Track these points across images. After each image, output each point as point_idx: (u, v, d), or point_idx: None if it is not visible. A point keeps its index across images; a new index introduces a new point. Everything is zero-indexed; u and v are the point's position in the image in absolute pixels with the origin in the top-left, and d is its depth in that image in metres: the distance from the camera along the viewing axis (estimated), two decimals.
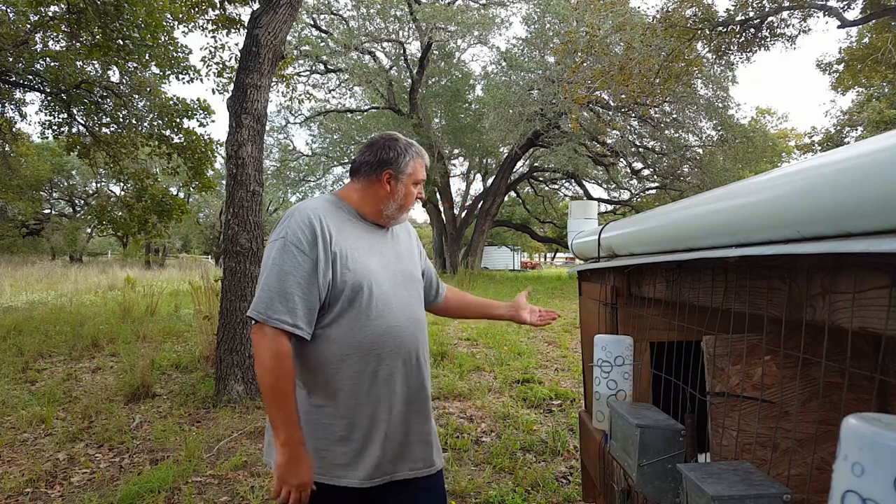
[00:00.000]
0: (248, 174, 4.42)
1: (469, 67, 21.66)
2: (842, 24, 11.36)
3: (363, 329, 1.35)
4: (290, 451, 1.26)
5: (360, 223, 1.46)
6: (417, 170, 1.49)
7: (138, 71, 9.52)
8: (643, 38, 11.77)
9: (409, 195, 1.48)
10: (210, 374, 4.78)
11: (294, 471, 1.27)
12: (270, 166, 21.51)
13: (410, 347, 1.42)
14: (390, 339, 1.38)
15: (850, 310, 0.70)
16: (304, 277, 1.29)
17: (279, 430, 1.27)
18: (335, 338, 1.34)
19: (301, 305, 1.29)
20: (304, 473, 1.28)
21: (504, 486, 2.85)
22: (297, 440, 1.28)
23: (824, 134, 22.25)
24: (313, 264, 1.30)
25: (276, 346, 1.26)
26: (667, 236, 1.14)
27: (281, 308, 1.27)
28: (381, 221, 1.49)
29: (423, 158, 1.53)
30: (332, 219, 1.38)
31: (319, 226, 1.33)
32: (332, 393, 1.34)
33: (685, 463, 1.01)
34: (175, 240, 38.91)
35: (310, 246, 1.31)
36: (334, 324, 1.34)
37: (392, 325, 1.39)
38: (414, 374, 1.43)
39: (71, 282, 14.31)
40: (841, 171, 0.61)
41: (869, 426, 0.46)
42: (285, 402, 1.27)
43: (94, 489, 2.82)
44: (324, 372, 1.34)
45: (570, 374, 5.30)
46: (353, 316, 1.34)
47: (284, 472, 1.27)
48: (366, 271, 1.37)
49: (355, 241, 1.40)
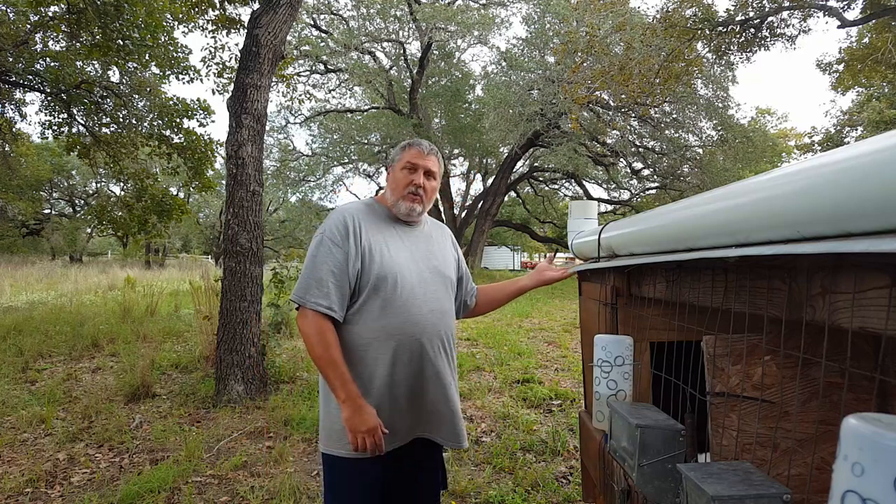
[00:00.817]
0: (248, 174, 4.42)
1: (469, 67, 21.66)
2: (842, 24, 11.36)
3: (385, 317, 1.50)
4: (352, 403, 1.43)
5: (393, 222, 1.63)
6: (405, 155, 1.62)
7: (138, 71, 9.51)
8: (643, 38, 11.77)
9: (398, 179, 1.61)
10: (210, 374, 4.78)
11: (361, 419, 1.43)
12: (270, 166, 21.49)
13: (434, 336, 1.56)
14: (411, 328, 1.51)
15: (850, 310, 0.70)
16: (338, 266, 1.48)
17: (338, 390, 1.44)
18: (361, 323, 1.50)
19: (334, 290, 1.47)
20: (370, 419, 1.44)
21: (504, 486, 2.85)
22: (356, 394, 1.44)
23: (824, 134, 22.25)
24: (345, 255, 1.49)
25: (315, 323, 1.45)
26: (667, 236, 1.14)
27: (317, 293, 1.46)
28: (402, 217, 1.62)
29: (415, 147, 1.63)
30: (366, 218, 1.57)
31: (352, 223, 1.52)
32: (359, 373, 1.49)
33: (685, 463, 1.01)
34: (175, 240, 38.90)
35: (342, 239, 1.50)
36: (361, 311, 1.50)
37: (414, 314, 1.52)
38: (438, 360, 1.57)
39: (71, 282, 14.30)
40: (841, 171, 0.61)
41: (869, 426, 0.46)
42: (336, 366, 1.44)
43: (94, 489, 2.82)
44: (353, 354, 1.50)
45: (570, 374, 5.29)
46: (378, 305, 1.50)
47: (354, 423, 1.43)
48: (393, 264, 1.53)
49: (387, 237, 1.58)
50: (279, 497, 2.71)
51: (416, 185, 1.60)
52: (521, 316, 9.35)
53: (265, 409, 4.07)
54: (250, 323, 4.36)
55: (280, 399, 4.27)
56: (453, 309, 1.70)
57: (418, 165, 1.61)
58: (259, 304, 4.49)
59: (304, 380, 4.93)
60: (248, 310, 4.36)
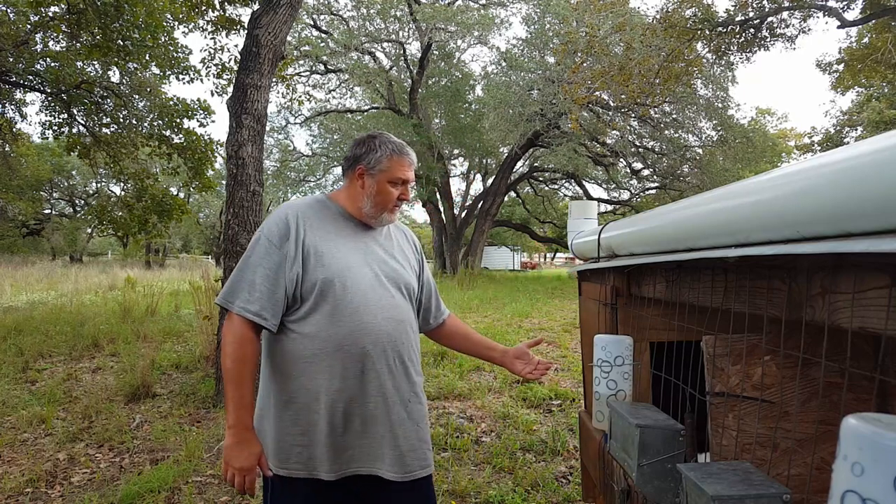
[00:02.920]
0: (249, 174, 4.42)
1: (469, 67, 21.66)
2: (842, 25, 11.36)
3: (335, 325, 1.34)
4: (236, 433, 1.29)
5: (347, 222, 1.47)
6: (393, 167, 1.44)
7: (138, 71, 9.51)
8: (643, 38, 11.77)
9: (382, 193, 1.44)
10: (210, 374, 4.78)
11: (237, 454, 1.29)
12: (271, 166, 21.50)
13: (388, 348, 1.38)
14: (363, 337, 1.35)
15: (850, 310, 0.70)
16: (272, 269, 1.33)
17: (230, 412, 1.30)
18: (307, 333, 1.35)
19: (266, 296, 1.32)
20: (247, 458, 1.30)
21: (504, 486, 2.85)
22: (245, 425, 1.30)
23: (824, 134, 22.26)
24: (282, 258, 1.34)
25: (238, 331, 1.31)
26: (667, 236, 1.14)
27: (247, 297, 1.31)
28: (365, 220, 1.47)
29: (402, 156, 1.46)
30: (312, 217, 1.41)
31: (294, 222, 1.37)
32: (302, 388, 1.35)
33: (685, 463, 1.01)
34: (175, 240, 38.91)
35: (281, 240, 1.35)
36: (306, 319, 1.35)
37: (367, 323, 1.36)
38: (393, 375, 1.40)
39: (71, 282, 14.31)
40: (841, 171, 0.61)
41: (869, 426, 0.46)
42: (240, 385, 1.30)
43: (95, 489, 2.82)
44: (295, 367, 1.35)
45: (570, 374, 5.29)
46: (326, 312, 1.34)
47: (229, 455, 1.30)
48: (341, 268, 1.37)
49: (336, 238, 1.41)
50: None
51: (404, 199, 1.47)
52: (521, 316, 9.35)
53: None
54: None
55: None
56: (414, 318, 1.52)
57: (407, 180, 1.47)
58: None
59: None
60: None
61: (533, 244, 40.33)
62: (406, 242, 1.60)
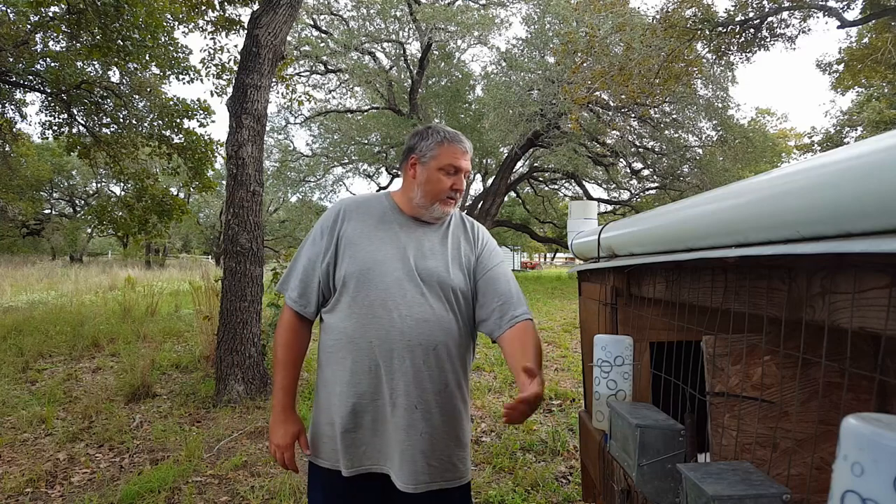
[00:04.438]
0: (249, 174, 4.42)
1: (469, 68, 21.65)
2: (842, 25, 11.36)
3: (351, 317, 1.34)
4: (275, 413, 1.41)
5: (396, 216, 1.43)
6: (444, 154, 1.38)
7: (138, 71, 9.52)
8: (643, 38, 11.77)
9: (433, 181, 1.38)
10: (210, 374, 4.78)
11: (276, 431, 1.41)
12: (271, 166, 21.50)
13: (401, 346, 1.31)
14: (371, 332, 1.31)
15: (850, 310, 0.70)
16: (310, 260, 1.41)
17: (273, 393, 1.42)
18: (331, 324, 1.39)
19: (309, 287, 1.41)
20: (283, 436, 1.40)
21: (504, 486, 2.85)
22: (284, 405, 1.41)
23: (824, 134, 22.25)
24: (321, 249, 1.40)
25: (286, 318, 1.42)
26: (667, 236, 1.14)
27: (292, 285, 1.42)
28: (417, 213, 1.42)
29: (453, 143, 1.39)
30: (361, 210, 1.43)
31: (340, 215, 1.42)
32: (325, 378, 1.41)
33: (685, 463, 1.01)
34: (175, 240, 38.90)
35: (324, 232, 1.41)
36: (333, 311, 1.40)
37: (379, 318, 1.31)
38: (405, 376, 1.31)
39: (71, 282, 14.30)
40: (841, 171, 0.61)
41: (869, 426, 0.46)
42: (280, 367, 1.40)
43: (95, 489, 2.82)
44: (322, 357, 1.43)
45: (570, 374, 5.29)
46: (347, 304, 1.36)
47: (271, 432, 1.42)
48: (368, 261, 1.34)
49: (374, 231, 1.38)
50: (279, 497, 2.71)
51: (457, 189, 1.39)
52: None
53: (265, 409, 4.07)
54: (250, 323, 4.36)
55: None
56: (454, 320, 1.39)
57: (460, 168, 1.39)
58: (259, 304, 4.49)
59: (304, 379, 4.93)
60: (249, 310, 4.36)
61: (533, 244, 40.31)
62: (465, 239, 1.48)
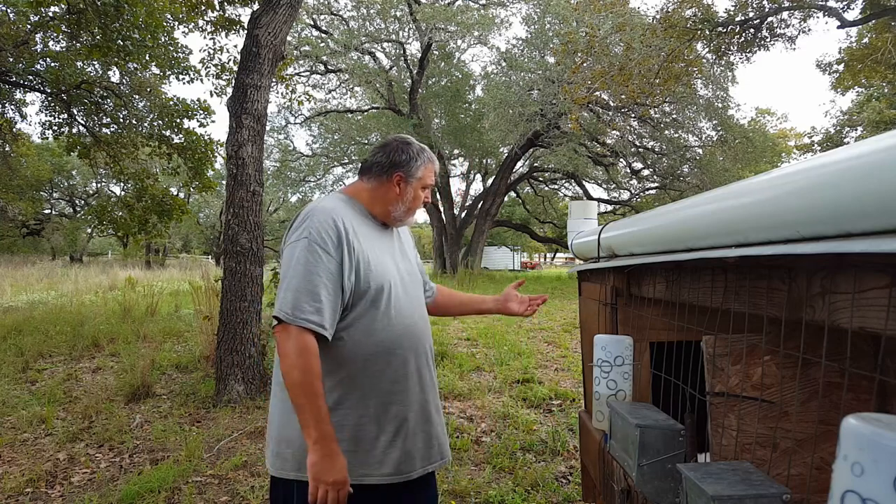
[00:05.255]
0: (249, 174, 4.42)
1: (469, 68, 21.66)
2: (841, 25, 11.36)
3: (385, 329, 1.38)
4: (322, 447, 1.23)
5: (371, 222, 1.49)
6: (427, 175, 1.52)
7: (138, 71, 9.52)
8: (643, 38, 11.77)
9: (416, 199, 1.52)
10: (210, 374, 4.78)
11: (328, 468, 1.23)
12: (271, 166, 21.52)
13: (426, 344, 1.49)
14: (408, 338, 1.42)
15: (850, 310, 0.70)
16: (331, 278, 1.30)
17: (310, 427, 1.23)
18: (358, 338, 1.35)
19: (327, 306, 1.29)
20: (339, 471, 1.24)
21: (504, 486, 2.85)
22: (330, 436, 1.25)
23: (824, 134, 22.27)
24: (339, 266, 1.32)
25: (301, 343, 1.25)
26: (667, 236, 1.14)
27: (308, 308, 1.26)
28: (389, 221, 1.53)
29: (434, 164, 1.56)
30: (353, 221, 1.40)
31: (343, 228, 1.34)
32: (354, 392, 1.35)
33: (685, 463, 1.01)
34: (175, 240, 38.90)
35: (335, 247, 1.31)
36: (356, 324, 1.35)
37: (409, 325, 1.43)
38: (429, 369, 1.50)
39: (71, 282, 14.30)
40: (841, 171, 0.61)
41: (869, 426, 0.46)
42: (315, 398, 1.24)
43: (95, 489, 2.82)
44: (346, 371, 1.35)
45: (570, 374, 5.29)
46: (375, 316, 1.37)
47: (319, 471, 1.23)
48: (385, 272, 1.41)
49: (371, 241, 1.43)
50: None
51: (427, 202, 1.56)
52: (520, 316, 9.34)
53: (265, 409, 4.07)
54: (250, 323, 4.36)
55: None
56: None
57: (434, 185, 1.59)
58: (259, 304, 4.49)
59: None
60: (249, 310, 4.36)
61: (533, 244, 40.32)
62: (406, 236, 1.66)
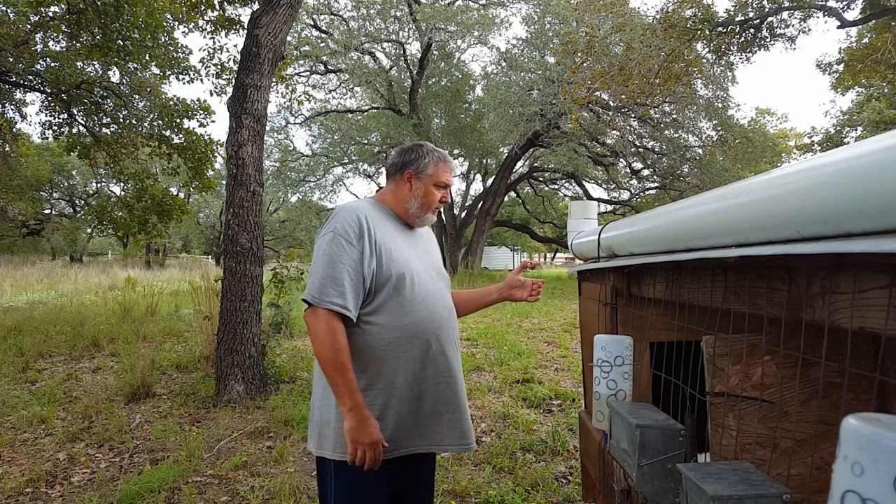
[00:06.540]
0: (249, 174, 4.42)
1: (469, 68, 21.62)
2: (841, 25, 11.36)
3: (409, 314, 1.49)
4: (356, 414, 1.39)
5: (397, 222, 1.64)
6: (439, 172, 1.62)
7: (138, 71, 9.52)
8: (643, 38, 11.77)
9: (429, 195, 1.62)
10: (210, 374, 4.78)
11: (364, 431, 1.39)
12: (270, 167, 21.48)
13: (450, 332, 1.59)
14: (432, 325, 1.53)
15: (850, 310, 0.70)
16: (353, 265, 1.45)
17: (344, 397, 1.39)
18: (382, 324, 1.48)
19: (350, 290, 1.43)
20: (374, 432, 1.40)
21: (504, 486, 2.85)
22: (362, 404, 1.40)
23: (824, 134, 22.26)
24: (360, 254, 1.46)
25: (329, 324, 1.41)
26: (667, 236, 1.14)
27: (332, 292, 1.42)
28: (409, 220, 1.65)
29: (446, 163, 1.65)
30: (376, 217, 1.56)
31: (365, 221, 1.49)
32: (379, 375, 1.47)
33: (685, 463, 1.01)
34: (175, 240, 38.89)
35: (356, 238, 1.47)
36: (380, 311, 1.48)
37: (432, 312, 1.54)
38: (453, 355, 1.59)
39: (71, 282, 14.30)
40: (841, 171, 0.61)
41: (869, 426, 0.46)
42: (346, 371, 1.39)
43: (95, 489, 2.82)
44: (371, 355, 1.47)
45: (570, 374, 5.29)
46: (399, 303, 1.49)
47: (356, 434, 1.39)
48: (407, 262, 1.53)
49: (394, 236, 1.57)
50: (279, 497, 2.71)
51: (444, 201, 1.65)
52: (520, 316, 9.35)
53: (265, 409, 4.07)
54: (250, 323, 4.36)
55: (280, 399, 4.27)
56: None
57: (449, 184, 1.65)
58: (259, 304, 4.49)
59: (304, 380, 4.93)
60: (249, 310, 4.36)
61: (533, 244, 40.30)
62: (432, 238, 1.80)
